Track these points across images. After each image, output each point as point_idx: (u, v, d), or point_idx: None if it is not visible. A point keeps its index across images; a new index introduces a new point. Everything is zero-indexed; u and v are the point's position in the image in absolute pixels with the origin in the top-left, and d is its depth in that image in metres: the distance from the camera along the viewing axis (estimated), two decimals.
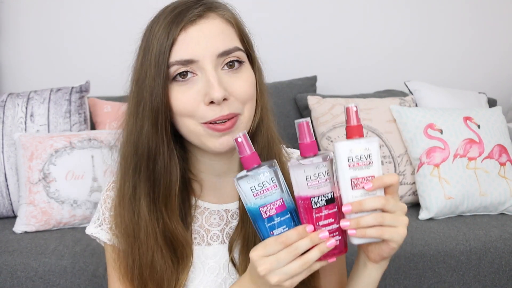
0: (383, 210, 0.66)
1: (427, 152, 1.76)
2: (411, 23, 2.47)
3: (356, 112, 0.66)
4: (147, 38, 0.74)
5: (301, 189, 0.65)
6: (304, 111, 2.08)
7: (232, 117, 0.73)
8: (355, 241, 0.67)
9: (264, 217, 0.66)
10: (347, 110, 0.67)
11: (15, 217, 1.74)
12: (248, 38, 0.78)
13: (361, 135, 0.66)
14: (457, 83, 2.45)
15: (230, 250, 0.81)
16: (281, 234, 0.64)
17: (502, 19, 2.52)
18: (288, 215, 0.66)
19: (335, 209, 0.66)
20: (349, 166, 0.65)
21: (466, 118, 1.81)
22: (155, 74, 0.71)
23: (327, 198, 0.65)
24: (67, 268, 1.41)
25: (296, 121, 0.66)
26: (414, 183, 1.81)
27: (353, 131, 0.66)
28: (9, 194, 1.74)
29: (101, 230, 0.84)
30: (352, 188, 0.66)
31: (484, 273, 1.53)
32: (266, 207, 0.65)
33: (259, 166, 0.66)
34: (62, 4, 2.25)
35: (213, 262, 0.82)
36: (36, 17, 2.25)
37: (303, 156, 0.66)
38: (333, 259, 0.67)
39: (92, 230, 0.86)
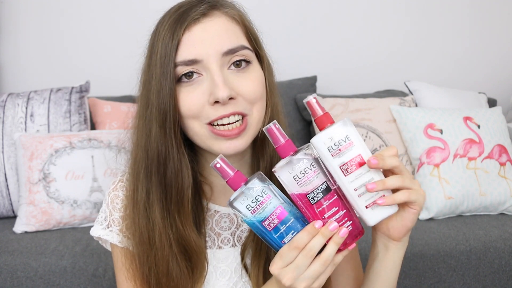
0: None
1: (427, 152, 1.76)
2: (411, 23, 2.47)
3: (317, 102, 0.65)
4: (153, 39, 0.73)
5: (294, 190, 0.64)
6: (304, 111, 2.08)
7: (237, 117, 0.71)
8: (373, 220, 0.66)
9: (269, 229, 0.64)
10: (308, 104, 0.65)
11: (15, 217, 1.74)
12: (256, 36, 0.76)
13: (331, 121, 0.65)
14: (457, 83, 2.45)
15: (243, 256, 0.79)
16: (292, 240, 0.63)
17: (502, 19, 2.52)
18: (292, 219, 0.64)
19: (335, 197, 0.64)
20: (332, 156, 0.64)
21: (466, 118, 1.81)
22: (161, 75, 0.70)
23: (322, 189, 0.64)
24: (67, 268, 1.41)
25: (264, 128, 0.64)
26: None
27: (323, 121, 0.65)
28: (9, 194, 1.74)
29: (110, 232, 0.81)
30: (345, 175, 0.64)
31: (484, 273, 1.53)
32: (267, 219, 0.64)
33: (246, 183, 0.64)
34: (62, 4, 2.25)
35: (225, 266, 0.80)
36: (36, 17, 2.25)
37: (284, 158, 0.64)
38: (353, 245, 0.66)
39: (99, 232, 0.82)
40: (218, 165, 0.64)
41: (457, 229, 1.61)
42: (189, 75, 0.70)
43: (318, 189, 0.64)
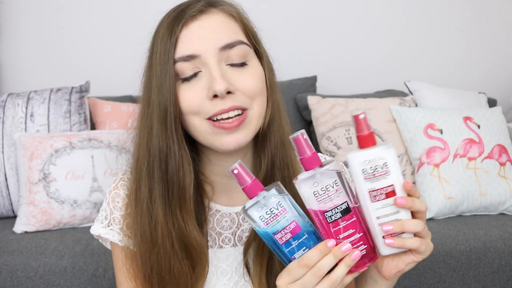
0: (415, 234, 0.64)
1: (427, 152, 1.76)
2: (411, 23, 2.47)
3: (365, 119, 0.62)
4: (154, 39, 0.74)
5: (313, 205, 0.62)
6: (304, 111, 2.08)
7: (236, 112, 0.70)
8: (386, 251, 0.64)
9: (280, 243, 0.62)
10: (355, 119, 0.62)
11: (15, 217, 1.74)
12: (254, 32, 0.76)
13: (373, 143, 0.63)
14: (457, 83, 2.45)
15: (245, 255, 0.79)
16: (302, 257, 0.62)
17: (502, 19, 2.52)
18: (306, 235, 0.63)
19: (354, 218, 0.62)
20: (365, 178, 0.62)
21: (466, 118, 1.81)
22: (161, 73, 0.70)
23: (342, 210, 0.62)
24: (67, 268, 1.41)
25: (291, 137, 0.62)
26: (414, 183, 1.81)
27: (365, 141, 0.62)
28: (9, 194, 1.74)
29: (110, 231, 0.81)
30: (371, 201, 0.63)
31: (484, 273, 1.53)
32: (280, 233, 0.62)
33: (262, 192, 0.62)
34: (62, 4, 2.25)
35: (226, 266, 0.80)
36: (36, 17, 2.25)
37: (307, 171, 0.62)
38: (364, 268, 0.65)
39: (99, 230, 0.81)
40: (235, 171, 0.62)
41: (457, 229, 1.61)
42: (188, 71, 0.70)
43: (337, 209, 0.62)
